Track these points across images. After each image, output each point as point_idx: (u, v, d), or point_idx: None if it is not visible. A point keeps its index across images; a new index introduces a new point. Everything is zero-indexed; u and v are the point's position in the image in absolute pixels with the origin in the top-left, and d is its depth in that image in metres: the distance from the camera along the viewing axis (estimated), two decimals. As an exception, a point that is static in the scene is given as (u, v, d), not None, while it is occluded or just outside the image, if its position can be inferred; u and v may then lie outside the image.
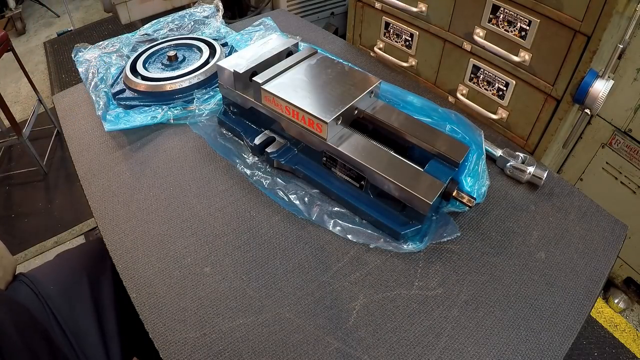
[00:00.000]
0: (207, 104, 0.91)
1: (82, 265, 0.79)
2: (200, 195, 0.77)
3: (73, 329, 0.71)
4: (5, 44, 1.82)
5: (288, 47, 0.86)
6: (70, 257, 0.84)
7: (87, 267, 0.79)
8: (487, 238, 0.71)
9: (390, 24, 1.12)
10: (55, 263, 0.83)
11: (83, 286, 0.76)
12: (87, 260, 0.81)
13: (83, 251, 0.86)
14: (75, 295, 0.75)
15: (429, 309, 0.62)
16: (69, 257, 0.85)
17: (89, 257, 0.81)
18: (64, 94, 1.01)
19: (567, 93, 0.85)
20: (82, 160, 0.84)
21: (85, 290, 0.75)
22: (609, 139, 1.40)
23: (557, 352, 0.58)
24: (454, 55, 1.02)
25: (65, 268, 0.80)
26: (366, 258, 0.68)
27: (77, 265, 0.79)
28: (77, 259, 0.82)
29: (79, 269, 0.78)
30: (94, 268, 0.79)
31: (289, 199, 0.75)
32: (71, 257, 0.84)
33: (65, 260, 0.83)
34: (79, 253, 0.85)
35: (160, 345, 0.57)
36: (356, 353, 0.57)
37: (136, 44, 1.08)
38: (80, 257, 0.83)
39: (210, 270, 0.66)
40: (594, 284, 0.65)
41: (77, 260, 0.82)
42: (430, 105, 0.82)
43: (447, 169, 0.69)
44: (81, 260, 0.81)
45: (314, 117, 0.70)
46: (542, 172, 0.77)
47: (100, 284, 0.77)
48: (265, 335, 0.58)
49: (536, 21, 0.83)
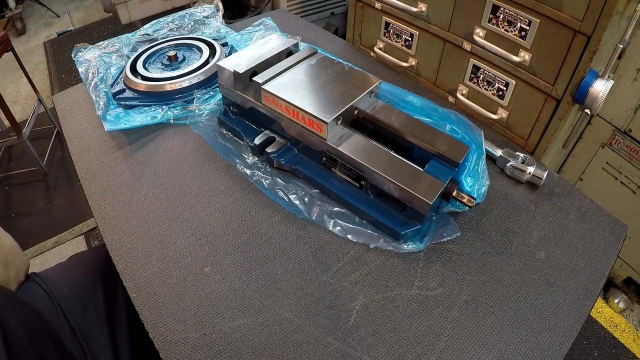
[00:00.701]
0: (207, 104, 0.91)
1: (97, 268, 0.78)
2: (200, 195, 0.77)
3: (84, 332, 0.70)
4: (5, 44, 1.82)
5: (288, 47, 0.86)
6: (85, 260, 0.83)
7: (101, 270, 0.78)
8: (487, 238, 0.71)
9: (390, 24, 1.12)
10: (69, 265, 0.82)
11: (97, 290, 0.75)
12: (102, 263, 0.79)
13: (97, 254, 0.85)
14: (88, 298, 0.74)
15: (429, 309, 0.62)
16: (84, 259, 0.84)
17: (103, 261, 0.80)
18: (64, 94, 1.01)
19: (567, 93, 0.85)
20: (82, 160, 0.84)
21: (99, 294, 0.74)
22: (609, 139, 1.40)
23: (557, 352, 0.58)
24: (454, 55, 1.02)
25: (80, 270, 0.79)
26: (366, 258, 0.68)
27: (92, 268, 0.79)
28: (91, 261, 0.81)
29: (93, 272, 0.77)
30: (108, 272, 0.78)
31: (289, 199, 0.75)
32: (86, 259, 0.84)
33: (79, 262, 0.83)
34: (94, 256, 0.84)
35: (160, 345, 0.57)
36: (356, 353, 0.57)
37: (136, 44, 1.08)
38: (95, 260, 0.82)
39: (210, 270, 0.66)
40: (594, 284, 0.65)
41: (92, 263, 0.81)
42: (430, 105, 0.82)
43: (447, 169, 0.69)
44: (96, 263, 0.80)
45: (314, 117, 0.70)
46: (542, 172, 0.77)
47: (114, 289, 0.76)
48: (265, 335, 0.58)
49: (536, 21, 0.83)
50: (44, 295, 0.72)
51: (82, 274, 0.78)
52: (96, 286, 0.75)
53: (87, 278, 0.76)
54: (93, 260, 0.82)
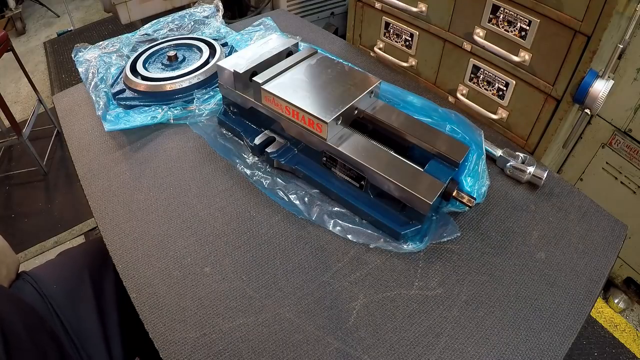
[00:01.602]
0: (207, 104, 0.91)
1: (85, 264, 0.79)
2: (200, 195, 0.77)
3: (76, 328, 0.71)
4: (5, 44, 1.82)
5: (288, 47, 0.86)
6: (73, 256, 0.84)
7: (89, 266, 0.78)
8: (487, 238, 0.71)
9: (390, 24, 1.12)
10: (57, 262, 0.83)
11: (86, 285, 0.76)
12: (89, 259, 0.80)
13: (85, 250, 0.86)
14: (78, 294, 0.74)
15: (429, 309, 0.62)
16: (72, 255, 0.84)
17: (91, 256, 0.81)
18: (64, 94, 1.01)
19: (567, 93, 0.85)
20: (82, 160, 0.84)
21: (88, 290, 0.75)
22: (609, 139, 1.40)
23: (557, 352, 0.58)
24: (454, 55, 1.02)
25: (68, 267, 0.80)
26: (366, 258, 0.68)
27: (80, 264, 0.79)
28: (79, 258, 0.82)
29: (81, 268, 0.78)
30: (96, 267, 0.79)
31: (289, 199, 0.75)
32: (74, 256, 0.84)
33: (67, 259, 0.83)
34: (82, 252, 0.85)
35: (160, 345, 0.57)
36: (356, 353, 0.57)
37: (136, 44, 1.08)
38: (83, 256, 0.82)
39: (210, 270, 0.66)
40: (594, 284, 0.65)
41: (80, 259, 0.81)
42: (430, 105, 0.82)
43: (447, 169, 0.69)
44: (84, 259, 0.81)
45: (314, 117, 0.70)
46: (542, 172, 0.77)
47: (103, 284, 0.77)
48: (265, 335, 0.58)
49: (536, 21, 0.83)
50: (35, 293, 0.72)
51: (71, 270, 0.78)
52: (85, 281, 0.76)
53: (76, 274, 0.77)
54: (82, 256, 0.82)
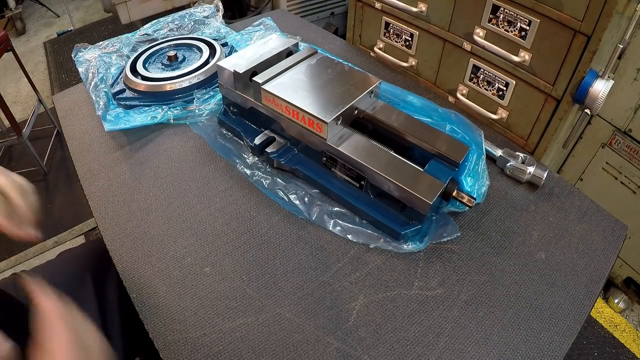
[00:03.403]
0: (207, 104, 0.91)
1: (86, 264, 0.78)
2: (200, 195, 0.77)
3: None
4: (5, 44, 1.82)
5: (288, 47, 0.86)
6: (74, 256, 0.83)
7: (90, 266, 0.78)
8: (487, 238, 0.71)
9: (390, 24, 1.12)
10: (58, 262, 0.82)
11: (86, 285, 0.75)
12: (90, 259, 0.80)
13: (86, 250, 0.85)
14: (79, 295, 0.74)
15: (429, 309, 0.62)
16: (73, 256, 0.84)
17: (92, 256, 0.81)
18: (64, 94, 1.01)
19: (567, 93, 0.85)
20: (82, 160, 0.84)
21: (89, 290, 0.74)
22: (609, 139, 1.40)
23: (557, 352, 0.58)
24: (454, 55, 1.02)
25: (69, 267, 0.79)
26: (366, 258, 0.68)
27: (80, 264, 0.79)
28: (80, 258, 0.81)
29: (82, 268, 0.77)
30: (97, 267, 0.78)
31: (289, 199, 0.75)
32: (75, 256, 0.84)
33: (68, 259, 0.83)
34: (82, 252, 0.84)
35: (160, 345, 0.57)
36: (356, 353, 0.57)
37: (136, 44, 1.08)
38: (83, 256, 0.82)
39: (210, 270, 0.66)
40: (594, 284, 0.65)
41: (80, 259, 0.81)
42: (430, 105, 0.82)
43: (447, 169, 0.69)
44: (84, 259, 0.80)
45: (314, 117, 0.70)
46: (542, 172, 0.77)
47: (104, 284, 0.77)
48: (265, 335, 0.58)
49: (536, 21, 0.83)
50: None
51: (71, 270, 0.77)
52: (85, 281, 0.75)
53: (77, 274, 0.76)
54: (83, 256, 0.82)
